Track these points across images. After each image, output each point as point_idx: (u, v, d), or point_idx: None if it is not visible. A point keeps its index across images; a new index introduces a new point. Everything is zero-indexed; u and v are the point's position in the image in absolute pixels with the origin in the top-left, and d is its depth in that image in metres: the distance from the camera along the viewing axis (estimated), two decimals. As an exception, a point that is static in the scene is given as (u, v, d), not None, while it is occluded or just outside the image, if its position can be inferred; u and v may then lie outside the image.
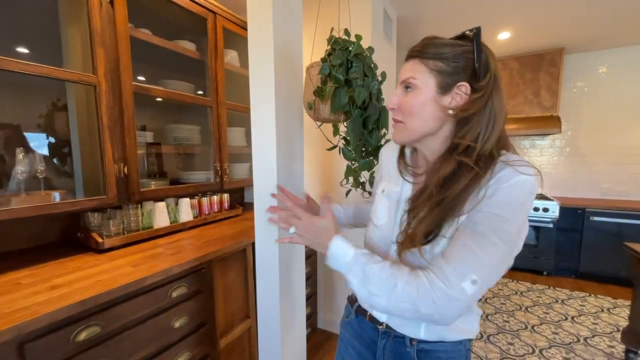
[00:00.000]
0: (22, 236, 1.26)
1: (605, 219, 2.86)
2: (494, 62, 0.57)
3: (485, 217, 0.50)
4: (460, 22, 2.50)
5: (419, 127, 0.59)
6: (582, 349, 1.96)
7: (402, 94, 0.61)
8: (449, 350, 0.63)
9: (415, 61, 0.59)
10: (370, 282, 0.55)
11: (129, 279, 0.95)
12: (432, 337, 0.63)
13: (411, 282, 0.52)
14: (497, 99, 0.55)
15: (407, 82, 0.60)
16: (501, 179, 0.51)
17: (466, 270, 0.49)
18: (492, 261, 0.50)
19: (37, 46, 1.30)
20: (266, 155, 1.13)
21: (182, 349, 1.13)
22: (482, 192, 0.52)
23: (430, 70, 0.57)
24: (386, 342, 0.67)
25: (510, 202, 0.50)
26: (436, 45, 0.57)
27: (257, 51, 1.11)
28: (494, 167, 0.53)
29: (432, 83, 0.57)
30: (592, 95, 3.26)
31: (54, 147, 1.37)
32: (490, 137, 0.54)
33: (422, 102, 0.58)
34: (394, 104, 0.62)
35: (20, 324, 0.70)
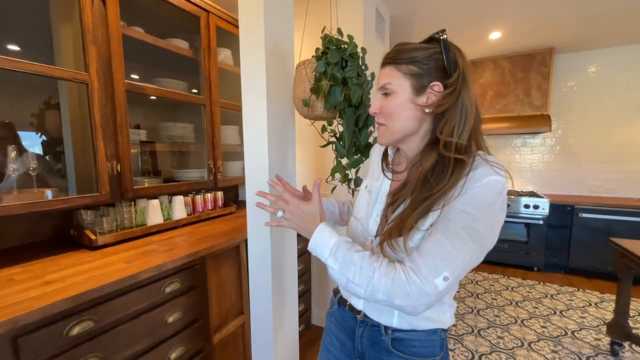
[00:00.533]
0: (15, 233, 1.26)
1: (593, 215, 2.92)
2: (461, 60, 0.60)
3: (457, 214, 0.53)
4: (453, 22, 2.53)
5: (399, 128, 0.63)
6: (569, 341, 2.01)
7: (382, 98, 0.65)
8: (423, 339, 0.66)
9: (390, 67, 0.64)
10: (350, 269, 0.57)
11: (123, 274, 0.96)
12: (404, 325, 0.66)
13: (388, 274, 0.55)
14: (467, 93, 0.59)
15: (384, 88, 0.64)
16: (473, 179, 0.54)
17: (439, 268, 0.52)
18: (463, 259, 0.53)
19: (27, 44, 1.30)
20: (258, 153, 1.15)
21: (176, 343, 1.15)
22: (458, 189, 0.55)
23: (404, 75, 0.61)
24: (363, 330, 0.71)
25: (481, 201, 0.53)
26: (407, 51, 0.62)
27: (248, 50, 1.13)
28: (472, 162, 0.56)
29: (407, 86, 0.61)
30: (582, 95, 3.32)
31: (47, 145, 1.37)
32: (464, 129, 0.58)
33: (400, 104, 0.62)
34: (376, 109, 0.66)
35: (14, 317, 0.71)
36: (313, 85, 1.06)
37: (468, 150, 0.58)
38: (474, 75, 3.48)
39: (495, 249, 3.32)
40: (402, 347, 0.66)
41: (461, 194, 0.54)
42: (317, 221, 0.65)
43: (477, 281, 2.97)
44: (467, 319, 2.31)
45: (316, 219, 0.66)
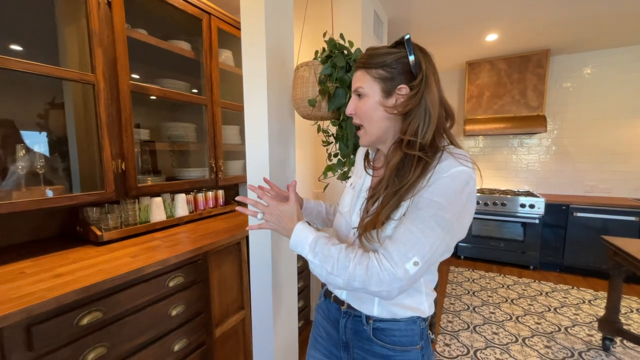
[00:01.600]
0: (23, 230, 1.30)
1: (588, 214, 2.97)
2: (425, 63, 0.63)
3: (426, 203, 0.57)
4: (450, 23, 2.58)
5: (375, 130, 0.68)
6: (562, 337, 2.06)
7: (356, 99, 0.70)
8: (403, 329, 0.68)
9: (361, 71, 0.68)
10: (328, 262, 0.61)
11: (129, 268, 1.00)
12: (384, 314, 0.69)
13: (362, 263, 0.59)
14: (429, 94, 0.62)
15: (357, 91, 0.69)
16: (441, 169, 0.58)
17: (409, 253, 0.56)
18: (432, 245, 0.56)
19: (33, 45, 1.34)
20: (259, 152, 1.19)
21: (179, 336, 1.19)
22: (425, 181, 0.59)
23: (374, 79, 0.65)
24: (347, 320, 0.74)
25: (448, 190, 0.57)
26: (377, 55, 0.65)
27: (250, 53, 1.17)
28: (440, 157, 0.60)
29: (377, 89, 0.66)
30: (577, 96, 3.37)
31: (52, 143, 1.41)
32: (429, 128, 0.61)
33: (372, 107, 0.66)
34: (351, 110, 0.70)
35: (29, 306, 0.75)
36: (321, 87, 1.10)
37: (433, 147, 0.62)
38: (470, 76, 3.55)
39: (492, 247, 3.37)
40: (383, 336, 0.69)
41: (429, 185, 0.58)
42: (294, 220, 0.69)
43: (473, 279, 3.02)
44: (463, 315, 2.35)
45: (294, 218, 0.69)
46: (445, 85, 3.97)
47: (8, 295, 0.81)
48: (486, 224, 3.40)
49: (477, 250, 3.46)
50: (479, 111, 3.58)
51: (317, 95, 1.13)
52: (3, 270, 0.99)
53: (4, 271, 0.99)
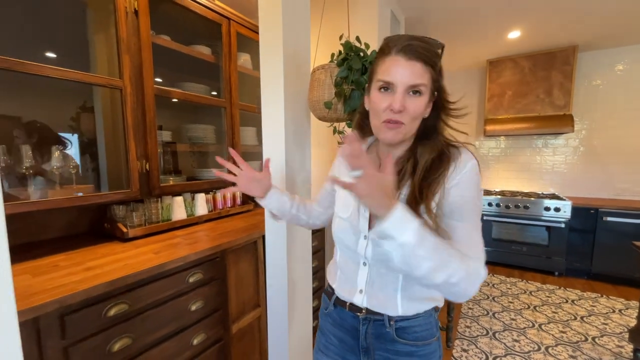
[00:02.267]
0: (58, 226, 1.39)
1: (619, 219, 2.81)
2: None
3: (466, 201, 0.61)
4: (470, 22, 2.52)
5: (414, 128, 0.65)
6: (589, 347, 1.96)
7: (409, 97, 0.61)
8: (423, 323, 0.70)
9: (424, 67, 0.60)
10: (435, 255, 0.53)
11: (152, 263, 1.05)
12: (409, 311, 0.69)
13: (464, 261, 0.56)
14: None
15: (417, 88, 0.60)
16: (460, 166, 0.62)
17: (481, 253, 0.59)
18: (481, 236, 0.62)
19: (67, 53, 1.42)
20: (276, 153, 1.22)
21: (198, 330, 1.23)
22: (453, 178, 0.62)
23: (431, 78, 0.61)
24: (367, 327, 0.72)
25: (474, 184, 0.63)
26: (435, 54, 0.61)
27: (268, 57, 1.20)
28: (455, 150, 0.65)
29: (431, 90, 0.63)
30: (608, 94, 3.20)
31: (83, 145, 1.50)
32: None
33: (424, 107, 0.63)
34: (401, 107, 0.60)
35: (62, 297, 0.81)
36: (337, 90, 1.12)
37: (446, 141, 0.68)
38: (491, 75, 3.46)
39: (513, 251, 3.26)
40: (405, 334, 0.69)
41: (458, 183, 0.62)
42: (391, 196, 0.54)
43: (493, 284, 2.93)
44: (482, 321, 2.29)
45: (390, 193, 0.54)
46: (464, 84, 3.90)
47: (44, 286, 0.87)
48: (507, 227, 3.29)
49: (498, 254, 3.35)
50: (500, 111, 3.47)
51: (333, 97, 1.14)
52: (40, 263, 1.07)
53: (40, 264, 1.06)
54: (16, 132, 1.27)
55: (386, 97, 0.62)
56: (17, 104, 1.29)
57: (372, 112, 0.67)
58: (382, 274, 0.70)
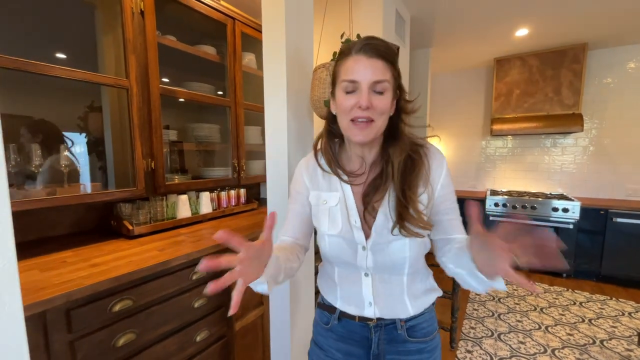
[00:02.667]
0: (65, 223, 1.42)
1: (629, 220, 2.75)
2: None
3: (451, 195, 0.70)
4: (477, 20, 2.49)
5: (382, 125, 0.65)
6: (597, 350, 1.93)
7: (373, 95, 0.61)
8: (428, 318, 0.74)
9: (385, 64, 0.61)
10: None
11: (156, 260, 1.07)
12: (418, 310, 0.72)
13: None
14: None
15: (381, 84, 0.61)
16: (440, 166, 0.68)
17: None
18: None
19: (76, 54, 1.45)
20: (278, 152, 1.23)
21: (201, 327, 1.25)
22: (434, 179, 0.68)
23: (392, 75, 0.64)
24: (379, 333, 0.72)
25: (449, 178, 0.70)
26: (394, 53, 0.64)
27: (271, 56, 1.20)
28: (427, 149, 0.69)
29: (393, 86, 0.64)
30: (619, 93, 3.13)
31: (91, 144, 1.53)
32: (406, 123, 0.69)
33: (389, 103, 0.64)
34: (368, 103, 0.60)
35: (68, 292, 0.83)
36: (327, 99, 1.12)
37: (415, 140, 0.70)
38: (498, 74, 3.42)
39: (520, 252, 3.20)
40: (415, 333, 0.72)
41: (443, 184, 0.68)
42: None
43: (499, 285, 2.89)
44: (487, 322, 2.26)
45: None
46: (471, 82, 3.86)
47: (51, 281, 0.90)
48: (514, 228, 3.24)
49: (504, 255, 3.30)
50: (507, 110, 3.42)
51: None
52: (48, 259, 1.10)
53: (48, 259, 1.09)
54: (25, 131, 1.30)
55: (352, 97, 0.62)
56: (27, 103, 1.32)
57: (340, 114, 0.66)
58: (385, 279, 0.70)
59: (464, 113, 3.95)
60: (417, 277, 0.73)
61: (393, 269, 0.69)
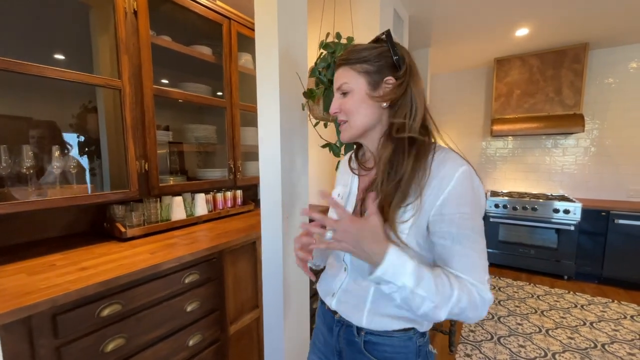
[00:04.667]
0: (57, 225, 1.40)
1: (631, 222, 2.72)
2: (408, 56, 0.66)
3: (460, 218, 0.56)
4: (476, 19, 2.47)
5: (360, 122, 0.66)
6: (599, 354, 1.90)
7: (340, 98, 0.68)
8: (396, 345, 0.64)
9: (344, 68, 0.67)
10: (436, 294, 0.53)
11: (147, 264, 1.05)
12: (372, 325, 0.65)
13: (463, 289, 0.54)
14: (415, 85, 0.64)
15: (341, 89, 0.68)
16: (447, 178, 0.57)
17: (483, 276, 0.56)
18: (483, 255, 0.58)
19: (72, 54, 1.44)
20: (271, 153, 1.21)
21: (194, 331, 1.23)
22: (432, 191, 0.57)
23: (358, 73, 0.65)
24: (340, 329, 0.71)
25: (466, 195, 0.57)
26: (359, 51, 0.66)
27: (263, 55, 1.19)
28: (433, 153, 0.60)
29: (363, 83, 0.65)
30: (621, 93, 3.10)
31: (85, 145, 1.51)
32: (416, 116, 0.62)
33: (359, 100, 0.65)
34: (336, 108, 0.69)
35: (54, 297, 0.81)
36: (306, 90, 1.11)
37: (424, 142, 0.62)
38: (498, 74, 3.39)
39: (520, 254, 3.18)
40: (374, 351, 0.66)
41: (447, 198, 0.56)
42: (381, 240, 0.54)
43: (499, 287, 2.87)
44: (487, 325, 2.24)
45: (379, 236, 0.54)
46: (470, 83, 3.83)
47: (38, 285, 0.88)
48: (514, 229, 3.22)
49: (504, 256, 3.28)
50: (508, 110, 3.39)
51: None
52: (37, 262, 1.08)
53: (37, 263, 1.07)
54: (17, 132, 1.28)
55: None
56: (20, 104, 1.31)
57: None
58: (358, 281, 0.68)
59: (464, 114, 3.93)
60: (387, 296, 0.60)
61: (365, 274, 0.63)
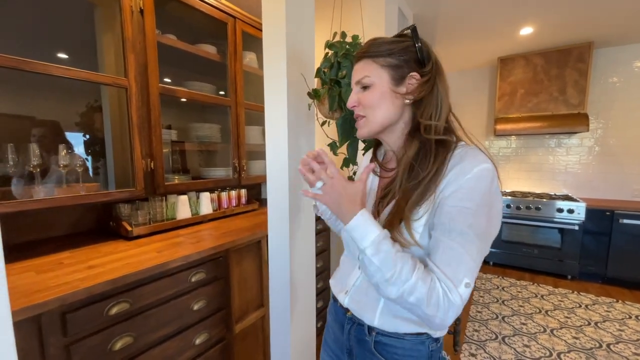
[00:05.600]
0: (64, 224, 1.41)
1: (636, 221, 2.70)
2: (433, 52, 0.64)
3: (459, 212, 0.53)
4: (480, 18, 2.46)
5: (381, 117, 0.64)
6: (604, 355, 1.89)
7: (359, 92, 0.66)
8: (407, 348, 0.62)
9: (365, 61, 0.64)
10: (389, 266, 0.53)
11: (154, 262, 1.05)
12: (385, 326, 0.63)
13: (425, 280, 0.52)
14: (441, 81, 0.62)
15: (362, 82, 0.64)
16: (463, 170, 0.54)
17: (459, 274, 0.51)
18: (475, 259, 0.52)
19: (77, 53, 1.44)
20: (279, 152, 1.21)
21: (200, 330, 1.23)
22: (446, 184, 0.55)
23: (381, 67, 0.62)
24: (351, 327, 0.70)
25: (476, 192, 0.53)
26: (382, 44, 0.63)
27: (271, 55, 1.18)
28: (453, 151, 0.58)
29: (386, 77, 0.62)
30: (626, 92, 3.08)
31: (91, 143, 1.51)
32: (441, 114, 0.61)
33: (380, 95, 0.63)
34: (354, 102, 0.66)
35: (63, 295, 0.81)
36: (311, 90, 1.11)
37: (448, 134, 0.61)
38: (502, 73, 3.37)
39: (524, 254, 3.17)
40: (384, 352, 0.64)
41: (456, 190, 0.54)
42: (357, 203, 0.58)
43: (503, 287, 2.86)
44: (491, 325, 2.23)
45: (357, 200, 0.58)
46: (474, 82, 3.82)
47: (47, 284, 0.88)
48: (518, 229, 3.21)
49: (507, 256, 3.27)
50: (511, 109, 3.38)
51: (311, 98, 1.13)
52: (45, 260, 1.08)
53: (45, 261, 1.08)
54: (24, 131, 1.28)
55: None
56: (26, 103, 1.31)
57: None
58: None
59: (468, 113, 3.91)
60: None
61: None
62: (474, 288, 2.83)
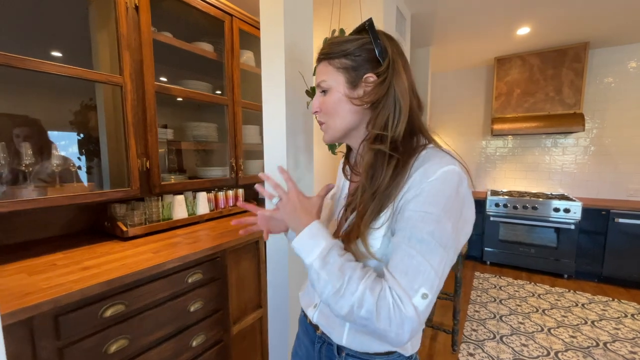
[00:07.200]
0: (58, 224, 1.38)
1: (631, 220, 2.73)
2: (391, 48, 0.58)
3: (420, 218, 0.48)
4: (478, 18, 2.46)
5: (339, 124, 0.61)
6: (600, 353, 1.90)
7: (320, 96, 0.63)
8: None
9: (323, 64, 0.61)
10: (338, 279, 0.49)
11: (150, 263, 1.03)
12: (354, 345, 0.59)
13: (374, 289, 0.47)
14: (398, 82, 0.56)
15: (320, 86, 0.62)
16: (427, 173, 0.50)
17: (415, 284, 0.46)
18: (437, 269, 0.47)
19: (71, 50, 1.41)
20: (277, 152, 1.19)
21: (197, 331, 1.21)
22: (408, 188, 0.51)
23: (337, 69, 0.59)
24: (321, 346, 0.66)
25: (441, 196, 0.48)
26: (338, 44, 0.59)
27: (269, 54, 1.17)
28: (418, 155, 0.53)
29: (341, 80, 0.59)
30: (621, 92, 3.11)
31: (85, 142, 1.49)
32: (400, 120, 0.55)
33: (337, 100, 0.59)
34: (316, 108, 0.63)
35: (56, 297, 0.79)
36: (309, 89, 1.09)
37: (408, 142, 0.56)
38: (499, 73, 3.38)
39: (521, 253, 3.19)
40: None
41: (418, 194, 0.49)
42: (311, 215, 0.57)
43: (500, 286, 2.87)
44: (489, 324, 2.23)
45: (312, 212, 0.58)
46: (470, 82, 3.83)
47: (39, 285, 0.86)
48: (514, 228, 3.22)
49: (505, 255, 3.28)
50: (508, 109, 3.40)
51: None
52: (38, 262, 1.06)
53: (38, 262, 1.05)
54: (17, 130, 1.26)
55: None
56: (19, 101, 1.28)
57: None
58: None
59: (464, 112, 3.93)
60: None
61: None
62: (472, 287, 2.84)
